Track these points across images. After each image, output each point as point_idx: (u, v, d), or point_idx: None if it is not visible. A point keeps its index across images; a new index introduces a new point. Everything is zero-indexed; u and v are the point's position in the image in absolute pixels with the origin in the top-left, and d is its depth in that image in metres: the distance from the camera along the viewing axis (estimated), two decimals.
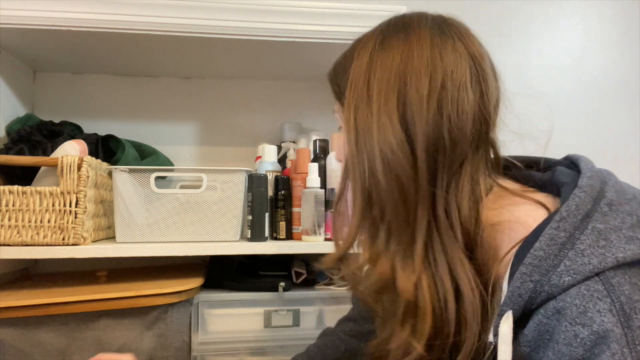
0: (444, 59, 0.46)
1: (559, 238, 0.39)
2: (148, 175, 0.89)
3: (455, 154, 0.45)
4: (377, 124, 0.45)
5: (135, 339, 0.80)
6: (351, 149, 0.48)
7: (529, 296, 0.40)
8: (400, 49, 0.47)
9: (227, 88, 1.26)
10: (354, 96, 0.48)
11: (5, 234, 0.81)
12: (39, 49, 1.03)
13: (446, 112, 0.44)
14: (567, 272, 0.38)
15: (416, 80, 0.45)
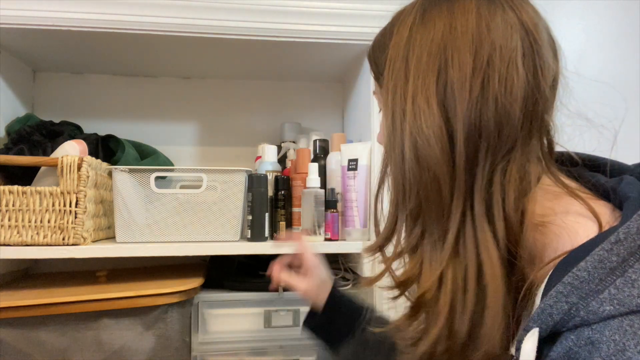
0: (492, 32, 0.40)
1: (610, 262, 0.34)
2: (148, 175, 0.89)
3: (502, 139, 0.40)
4: (412, 108, 0.41)
5: (135, 339, 0.80)
6: (388, 133, 0.44)
7: (560, 318, 0.35)
8: (442, 23, 0.42)
9: (227, 88, 1.26)
10: (392, 76, 0.44)
11: (5, 234, 0.81)
12: (39, 49, 1.03)
13: (492, 93, 0.39)
14: (611, 301, 0.33)
15: (459, 58, 0.40)
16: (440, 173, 0.40)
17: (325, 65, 1.14)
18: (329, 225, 0.94)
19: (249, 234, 0.89)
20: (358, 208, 0.94)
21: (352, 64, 1.11)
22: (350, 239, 0.95)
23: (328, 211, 0.94)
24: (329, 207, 0.94)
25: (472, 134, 0.40)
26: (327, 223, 0.94)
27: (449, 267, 0.40)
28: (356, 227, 0.95)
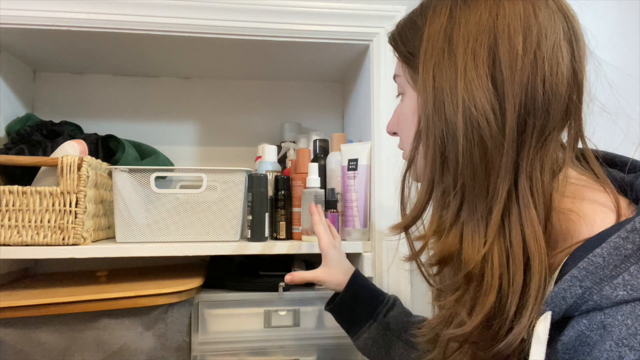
0: (538, 16, 0.42)
1: (625, 249, 0.35)
2: (148, 175, 0.89)
3: (548, 120, 0.41)
4: (463, 81, 0.42)
5: (135, 339, 0.80)
6: (427, 110, 0.45)
7: (574, 301, 0.37)
8: (489, 4, 0.43)
9: (227, 88, 1.26)
10: (433, 53, 0.45)
11: (5, 234, 0.81)
12: (39, 49, 1.03)
13: (541, 73, 0.41)
14: (624, 286, 0.35)
15: (509, 37, 0.41)
16: (491, 148, 0.41)
17: (325, 65, 1.14)
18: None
19: (249, 234, 0.89)
20: (358, 208, 0.94)
21: (352, 64, 1.11)
22: (350, 239, 0.95)
23: (328, 211, 0.94)
24: (329, 207, 0.94)
25: (522, 112, 0.41)
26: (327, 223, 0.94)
27: (495, 243, 0.41)
28: (356, 227, 0.95)
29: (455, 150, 0.42)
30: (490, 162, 0.41)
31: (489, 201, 0.42)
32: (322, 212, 0.84)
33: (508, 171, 0.41)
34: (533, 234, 0.40)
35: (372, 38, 0.97)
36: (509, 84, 0.41)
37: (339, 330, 0.81)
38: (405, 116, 0.52)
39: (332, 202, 0.94)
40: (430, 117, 0.44)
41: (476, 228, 0.42)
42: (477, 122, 0.41)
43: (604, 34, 1.26)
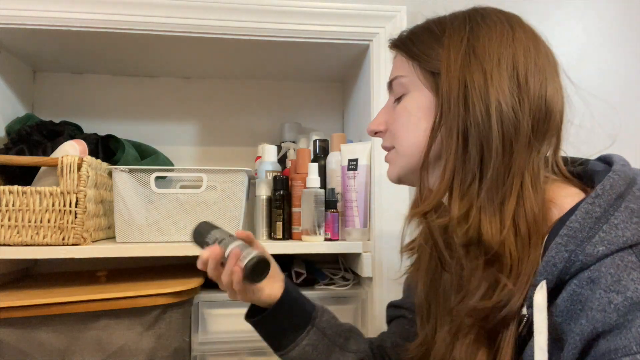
0: (540, 44, 0.52)
1: (594, 212, 0.42)
2: (148, 175, 0.89)
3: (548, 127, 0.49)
4: (492, 83, 0.48)
5: (135, 339, 0.80)
6: (456, 106, 0.50)
7: (563, 265, 0.42)
8: (505, 27, 0.52)
9: (227, 88, 1.26)
10: (458, 58, 0.51)
11: (5, 234, 0.81)
12: (39, 49, 1.03)
13: (544, 89, 0.49)
14: (602, 242, 0.41)
15: (524, 56, 0.50)
16: (514, 144, 0.48)
17: (325, 65, 1.14)
18: (329, 225, 0.94)
19: None
20: (358, 208, 0.94)
21: (352, 64, 1.11)
22: (350, 239, 0.95)
23: (328, 211, 0.94)
24: (329, 207, 0.94)
25: (533, 117, 0.48)
26: (327, 223, 0.94)
27: (510, 228, 0.47)
28: (356, 227, 0.95)
29: (482, 143, 0.48)
30: (512, 156, 0.48)
31: (504, 191, 0.47)
32: None
33: (521, 166, 0.48)
34: (533, 220, 0.47)
35: (372, 38, 0.97)
36: (524, 93, 0.48)
37: None
38: (409, 115, 0.55)
39: (332, 202, 0.94)
40: (458, 113, 0.50)
41: (494, 216, 0.47)
42: (507, 120, 0.48)
43: (604, 34, 1.26)
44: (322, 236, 0.92)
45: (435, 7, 0.55)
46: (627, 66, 1.26)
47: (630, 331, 0.38)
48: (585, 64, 1.25)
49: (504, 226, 0.47)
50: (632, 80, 1.26)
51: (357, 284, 1.02)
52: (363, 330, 0.95)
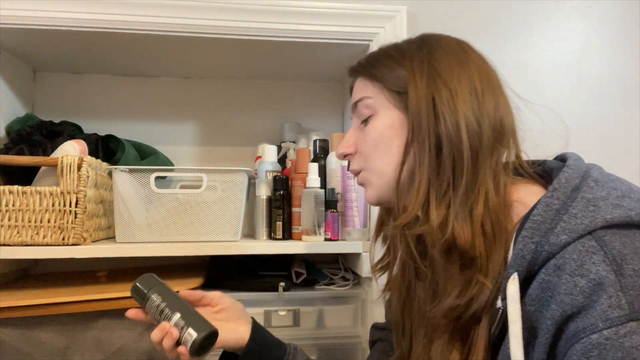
0: (489, 66, 0.57)
1: (554, 205, 0.46)
2: (148, 175, 0.89)
3: (503, 135, 0.54)
4: (459, 100, 0.53)
5: (135, 339, 0.80)
6: (426, 122, 0.53)
7: (531, 256, 0.46)
8: (458, 48, 0.57)
9: (227, 88, 1.26)
10: (423, 79, 0.55)
11: (5, 234, 0.81)
12: (39, 49, 1.03)
13: (498, 103, 0.54)
14: (563, 231, 0.45)
15: (479, 74, 0.55)
16: (479, 153, 0.52)
17: (325, 65, 1.14)
18: (329, 225, 0.94)
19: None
20: (358, 208, 0.94)
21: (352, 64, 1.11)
22: (350, 239, 0.95)
23: (328, 211, 0.94)
24: (329, 207, 0.94)
25: (495, 127, 0.53)
26: (327, 223, 0.94)
27: (479, 230, 0.50)
28: (356, 227, 0.95)
29: (454, 154, 0.51)
30: (478, 165, 0.51)
31: (474, 196, 0.51)
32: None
33: (486, 173, 0.51)
34: (497, 220, 0.51)
35: (372, 38, 0.97)
36: (483, 107, 0.53)
37: (339, 330, 0.81)
38: (381, 134, 0.58)
39: (332, 202, 0.94)
40: (429, 128, 0.53)
41: (464, 220, 0.51)
42: (473, 131, 0.52)
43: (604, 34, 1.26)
44: (322, 236, 0.92)
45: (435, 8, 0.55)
46: (627, 66, 1.26)
47: (596, 310, 0.41)
48: (585, 64, 1.25)
49: (474, 230, 0.50)
50: (632, 80, 1.26)
51: (357, 284, 1.02)
52: (363, 331, 0.95)
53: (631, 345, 0.39)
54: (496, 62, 0.60)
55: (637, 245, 0.43)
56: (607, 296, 0.41)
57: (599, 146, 1.23)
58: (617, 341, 0.40)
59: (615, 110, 1.25)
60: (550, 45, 1.24)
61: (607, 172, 0.51)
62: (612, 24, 1.26)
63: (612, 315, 0.40)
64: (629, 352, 0.39)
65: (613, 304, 0.40)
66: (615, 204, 0.45)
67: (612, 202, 0.45)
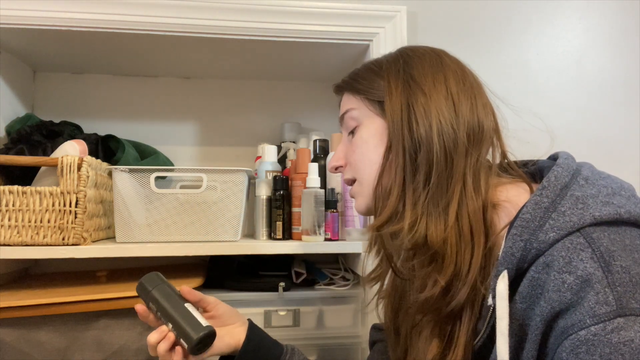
0: (466, 70, 0.58)
1: (543, 203, 0.47)
2: (148, 175, 0.89)
3: (483, 136, 0.55)
4: (432, 104, 0.54)
5: (135, 339, 0.80)
6: (400, 127, 0.55)
7: (520, 254, 0.46)
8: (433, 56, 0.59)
9: (227, 88, 1.26)
10: (398, 86, 0.56)
11: (5, 234, 0.81)
12: (39, 49, 1.03)
13: (475, 106, 0.55)
14: (552, 229, 0.45)
15: (454, 78, 0.56)
16: (454, 154, 0.53)
17: (325, 65, 1.14)
18: (329, 225, 0.94)
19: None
20: None
21: (352, 64, 1.11)
22: (350, 239, 0.95)
23: (328, 211, 0.94)
24: (329, 207, 0.94)
25: (468, 128, 0.54)
26: (327, 223, 0.94)
27: (452, 229, 0.51)
28: (356, 227, 0.95)
29: (428, 156, 0.53)
30: (452, 165, 0.52)
31: (448, 196, 0.52)
32: None
33: (461, 173, 0.52)
34: (476, 219, 0.51)
35: (372, 38, 0.97)
36: (458, 110, 0.54)
37: (339, 330, 0.81)
38: (366, 143, 0.59)
39: (332, 202, 0.94)
40: (404, 133, 0.54)
41: (438, 218, 0.52)
42: (447, 134, 0.53)
43: (605, 34, 1.26)
44: (322, 236, 0.92)
45: (435, 7, 0.55)
46: (627, 66, 1.26)
47: (583, 306, 0.41)
48: (585, 64, 1.25)
49: (447, 227, 0.51)
50: (632, 80, 1.26)
51: (357, 284, 1.02)
52: (363, 331, 0.95)
53: (619, 340, 0.40)
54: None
55: (626, 243, 0.44)
56: (595, 292, 0.41)
57: (599, 146, 1.23)
58: (604, 337, 0.40)
59: (615, 110, 1.25)
60: (550, 45, 1.24)
61: (598, 170, 0.52)
62: (612, 24, 1.27)
63: (600, 312, 0.40)
64: (617, 347, 0.39)
65: (600, 300, 0.41)
66: (604, 202, 0.46)
67: (602, 199, 0.46)
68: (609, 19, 1.26)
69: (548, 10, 1.24)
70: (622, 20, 1.27)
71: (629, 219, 0.45)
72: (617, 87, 1.26)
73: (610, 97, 1.26)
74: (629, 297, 0.41)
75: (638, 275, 0.42)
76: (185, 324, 0.60)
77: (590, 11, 1.26)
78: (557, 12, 1.25)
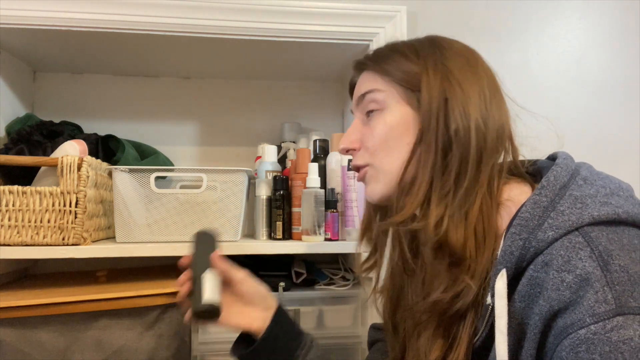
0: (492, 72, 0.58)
1: (542, 202, 0.47)
2: (148, 175, 0.89)
3: (503, 138, 0.55)
4: (470, 101, 0.53)
5: (135, 339, 0.80)
6: (436, 122, 0.53)
7: (519, 253, 0.47)
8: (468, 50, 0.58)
9: (227, 88, 1.26)
10: (436, 78, 0.54)
11: (5, 234, 0.81)
12: (39, 49, 1.03)
13: (500, 108, 0.55)
14: (551, 228, 0.45)
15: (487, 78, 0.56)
16: (484, 154, 0.52)
17: (325, 65, 1.14)
18: (329, 225, 0.94)
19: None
20: (358, 208, 0.94)
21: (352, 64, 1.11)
22: (350, 239, 0.95)
23: (328, 211, 0.94)
24: (329, 207, 0.94)
25: (497, 131, 0.53)
26: (327, 223, 0.94)
27: (472, 230, 0.51)
28: (356, 227, 0.95)
29: (462, 155, 0.52)
30: (481, 168, 0.52)
31: (472, 198, 0.51)
32: None
33: (485, 176, 0.52)
34: (489, 221, 0.51)
35: (372, 38, 0.97)
36: (489, 111, 0.54)
37: (339, 330, 0.81)
38: (391, 130, 0.57)
39: (332, 202, 0.94)
40: (439, 128, 0.53)
41: (460, 221, 0.51)
42: (481, 134, 0.52)
43: (605, 34, 1.26)
44: (322, 236, 0.92)
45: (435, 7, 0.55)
46: (628, 66, 1.26)
47: (582, 305, 0.41)
48: (585, 64, 1.25)
49: (467, 231, 0.50)
50: (632, 80, 1.26)
51: (357, 284, 1.02)
52: (363, 331, 0.95)
53: (618, 339, 0.40)
54: (496, 62, 0.60)
55: (624, 242, 0.44)
56: (594, 291, 0.41)
57: (599, 146, 1.23)
58: (604, 335, 0.40)
59: (615, 110, 1.25)
60: (550, 45, 1.24)
61: (597, 170, 0.52)
62: (612, 24, 1.26)
63: (599, 310, 0.41)
64: (616, 346, 0.40)
65: (600, 299, 0.41)
66: (603, 202, 0.46)
67: (600, 199, 0.46)
68: (609, 19, 1.26)
69: (548, 10, 1.24)
70: (622, 20, 1.27)
71: (627, 219, 0.46)
72: (617, 87, 1.26)
73: (610, 97, 1.26)
74: (627, 296, 0.41)
75: (636, 274, 0.42)
76: (195, 292, 0.62)
77: (590, 11, 1.26)
78: (557, 12, 1.25)
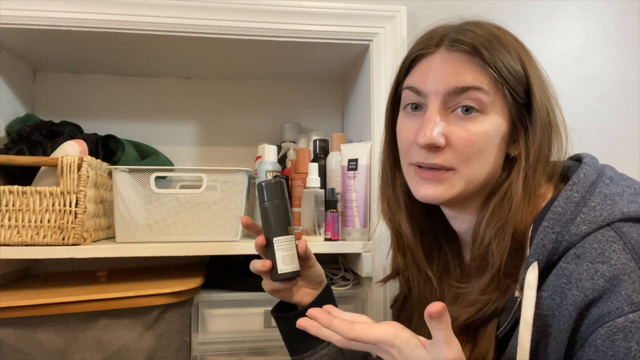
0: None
1: (574, 198, 0.49)
2: (148, 175, 0.89)
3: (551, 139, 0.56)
4: (558, 110, 0.57)
5: (135, 339, 0.80)
6: (540, 141, 0.54)
7: (552, 246, 0.48)
8: (527, 52, 0.61)
9: (227, 88, 1.26)
10: (540, 82, 0.56)
11: (5, 234, 0.81)
12: (39, 49, 1.03)
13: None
14: (584, 222, 0.47)
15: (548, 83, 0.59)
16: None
17: (325, 65, 1.14)
18: (329, 225, 0.94)
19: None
20: (358, 208, 0.94)
21: (352, 64, 1.11)
22: (350, 239, 0.95)
23: (328, 211, 0.94)
24: (329, 207, 0.94)
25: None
26: (327, 223, 0.94)
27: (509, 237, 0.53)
28: (356, 227, 0.95)
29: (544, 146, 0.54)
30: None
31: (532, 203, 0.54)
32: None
33: None
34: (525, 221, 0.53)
35: (372, 38, 0.97)
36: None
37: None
38: (490, 140, 0.53)
39: (332, 202, 0.94)
40: (542, 154, 0.53)
41: (503, 227, 0.53)
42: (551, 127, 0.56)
43: (604, 34, 1.26)
44: (322, 236, 0.92)
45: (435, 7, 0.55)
46: (627, 66, 1.26)
47: (620, 294, 0.43)
48: (585, 64, 1.25)
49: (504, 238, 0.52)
50: (632, 80, 1.26)
51: (357, 284, 1.02)
52: None
53: None
54: None
55: None
56: (631, 281, 0.43)
57: (599, 146, 1.23)
58: None
59: (615, 110, 1.25)
60: (550, 45, 1.24)
61: (619, 172, 0.55)
62: (612, 24, 1.26)
63: (638, 299, 0.42)
64: None
65: (637, 288, 0.43)
66: (630, 200, 0.48)
67: (627, 198, 0.49)
68: (609, 19, 1.26)
69: (548, 10, 1.24)
70: (622, 20, 1.27)
71: None
72: (617, 87, 1.26)
73: (610, 97, 1.26)
74: None
75: None
76: (275, 257, 0.66)
77: (590, 11, 1.26)
78: (557, 12, 1.25)
